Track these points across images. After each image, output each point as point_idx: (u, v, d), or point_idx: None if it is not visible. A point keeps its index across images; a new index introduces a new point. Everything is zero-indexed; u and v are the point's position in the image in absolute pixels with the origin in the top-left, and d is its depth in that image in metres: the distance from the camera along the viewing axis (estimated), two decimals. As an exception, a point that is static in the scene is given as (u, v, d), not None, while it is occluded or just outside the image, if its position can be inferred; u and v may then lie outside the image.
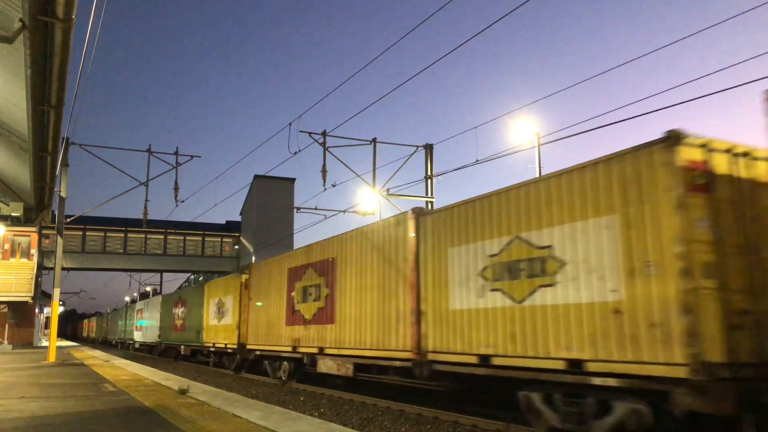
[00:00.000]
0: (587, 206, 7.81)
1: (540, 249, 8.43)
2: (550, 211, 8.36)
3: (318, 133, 21.66)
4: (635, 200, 7.20)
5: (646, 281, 6.94)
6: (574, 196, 8.04)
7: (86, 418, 7.62)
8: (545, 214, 8.43)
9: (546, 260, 8.30)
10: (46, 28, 10.42)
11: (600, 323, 7.41)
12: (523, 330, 8.57)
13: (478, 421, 9.53)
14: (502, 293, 9.03)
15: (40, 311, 45.31)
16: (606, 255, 7.48)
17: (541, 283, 8.32)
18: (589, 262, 7.66)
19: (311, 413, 10.83)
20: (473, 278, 9.70)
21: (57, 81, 12.63)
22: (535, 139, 18.66)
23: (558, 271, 8.08)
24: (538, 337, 8.28)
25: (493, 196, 9.51)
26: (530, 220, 8.67)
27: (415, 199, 22.23)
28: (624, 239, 7.26)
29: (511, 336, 8.75)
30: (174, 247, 50.84)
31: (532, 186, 8.78)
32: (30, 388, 11.49)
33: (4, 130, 17.86)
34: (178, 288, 60.10)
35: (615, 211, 7.43)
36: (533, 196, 8.69)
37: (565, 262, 7.99)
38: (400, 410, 11.34)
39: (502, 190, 9.33)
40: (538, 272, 8.41)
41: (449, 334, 10.13)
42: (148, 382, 12.93)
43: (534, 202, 8.65)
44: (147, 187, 23.62)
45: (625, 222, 7.28)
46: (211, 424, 7.11)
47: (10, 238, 32.83)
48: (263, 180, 48.48)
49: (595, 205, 7.68)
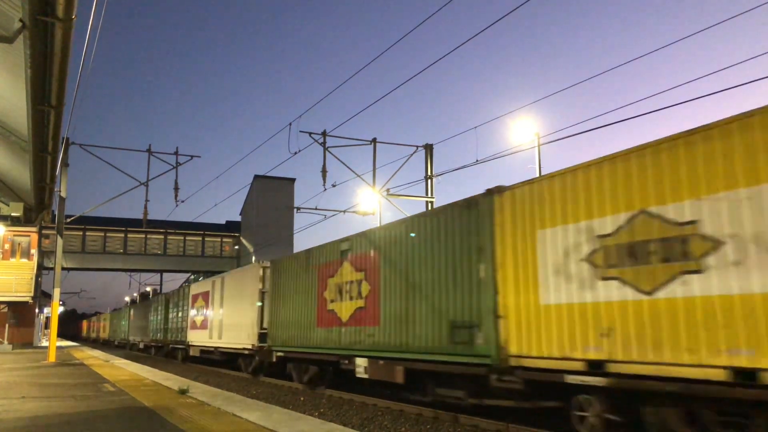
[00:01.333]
0: (759, 167, 6.06)
1: (679, 225, 6.71)
2: (695, 176, 6.62)
3: (318, 133, 21.68)
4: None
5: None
6: (733, 155, 6.28)
7: (86, 418, 7.62)
8: (687, 181, 6.68)
9: (689, 240, 6.59)
10: (46, 28, 10.41)
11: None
12: (656, 328, 6.77)
13: (479, 421, 9.53)
14: (620, 282, 7.27)
15: (40, 311, 45.32)
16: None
17: (684, 269, 6.59)
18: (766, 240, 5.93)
19: (311, 413, 10.82)
20: (575, 265, 7.89)
21: (57, 81, 12.62)
22: (535, 139, 18.66)
23: (710, 253, 6.39)
24: (681, 337, 6.48)
25: (604, 163, 7.67)
26: (663, 190, 6.91)
27: (415, 199, 22.25)
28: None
29: (638, 337, 6.95)
30: (174, 247, 50.88)
31: (665, 146, 6.92)
32: (30, 388, 11.48)
33: (4, 130, 17.86)
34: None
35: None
36: (667, 160, 6.89)
37: (720, 241, 6.29)
38: (400, 410, 11.34)
39: (618, 154, 7.52)
40: (677, 255, 6.67)
41: (540, 335, 8.25)
42: (148, 382, 12.93)
43: (669, 167, 6.86)
44: (147, 187, 23.65)
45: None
46: (211, 424, 7.11)
47: (10, 238, 32.84)
48: (263, 180, 48.51)
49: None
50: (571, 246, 7.98)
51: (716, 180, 6.39)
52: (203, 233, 51.78)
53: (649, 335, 6.82)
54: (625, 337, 7.08)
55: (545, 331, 8.16)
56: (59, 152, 18.42)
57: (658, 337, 6.71)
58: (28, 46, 10.94)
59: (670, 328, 6.60)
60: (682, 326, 6.50)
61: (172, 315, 31.22)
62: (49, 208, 29.49)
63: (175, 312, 30.35)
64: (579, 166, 8.07)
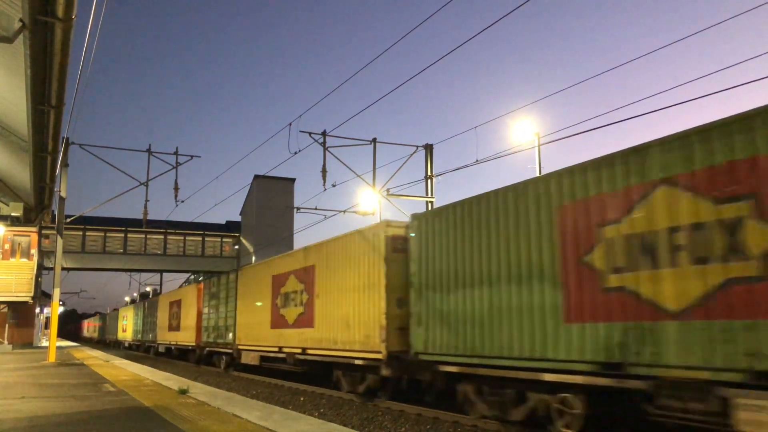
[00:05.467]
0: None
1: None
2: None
3: (318, 133, 21.66)
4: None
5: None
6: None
7: (86, 418, 7.62)
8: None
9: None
10: (46, 28, 10.42)
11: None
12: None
13: (478, 421, 9.53)
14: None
15: (40, 311, 45.34)
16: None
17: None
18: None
19: (311, 413, 10.83)
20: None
21: (57, 81, 12.63)
22: (535, 139, 18.66)
23: None
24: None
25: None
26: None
27: (416, 199, 22.26)
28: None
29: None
30: (174, 247, 50.87)
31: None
32: (30, 388, 11.48)
33: (4, 130, 17.86)
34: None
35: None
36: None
37: None
38: (400, 410, 11.33)
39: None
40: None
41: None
42: (148, 382, 12.93)
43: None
44: (147, 187, 23.61)
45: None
46: (211, 424, 7.11)
47: (10, 238, 32.81)
48: (263, 180, 48.50)
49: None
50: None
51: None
52: (203, 233, 51.76)
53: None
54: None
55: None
56: (59, 152, 18.43)
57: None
58: (28, 46, 10.95)
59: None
60: None
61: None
62: (49, 208, 29.52)
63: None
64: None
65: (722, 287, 6.29)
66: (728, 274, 6.25)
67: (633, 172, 7.35)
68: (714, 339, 6.31)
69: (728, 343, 6.18)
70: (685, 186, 6.79)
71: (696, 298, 6.50)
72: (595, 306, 7.58)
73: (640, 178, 7.26)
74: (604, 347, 7.41)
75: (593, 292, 7.62)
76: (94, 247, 48.27)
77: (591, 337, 7.56)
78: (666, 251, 6.87)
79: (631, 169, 7.38)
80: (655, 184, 7.08)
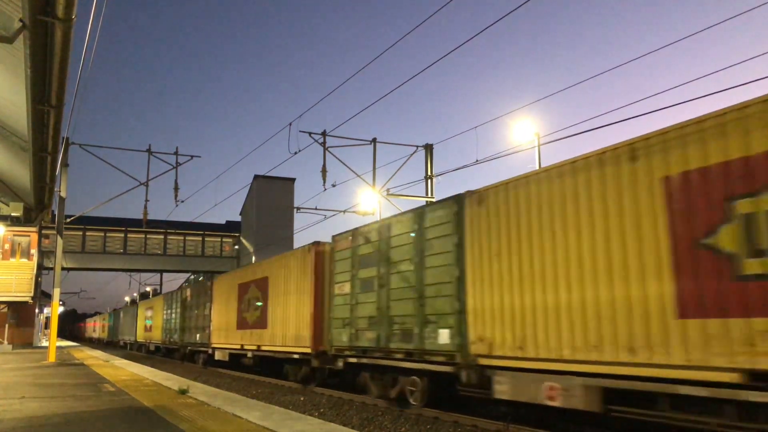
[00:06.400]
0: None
1: None
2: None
3: (318, 133, 21.67)
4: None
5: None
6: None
7: (86, 418, 7.62)
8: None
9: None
10: (46, 28, 10.41)
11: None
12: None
13: (478, 421, 9.53)
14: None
15: (40, 311, 45.34)
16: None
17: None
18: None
19: (311, 413, 10.82)
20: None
21: (57, 81, 12.62)
22: (535, 139, 18.65)
23: None
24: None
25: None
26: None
27: (415, 199, 22.25)
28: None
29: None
30: (174, 247, 50.88)
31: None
32: (30, 388, 11.48)
33: (4, 130, 17.86)
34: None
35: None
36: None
37: None
38: (400, 411, 11.33)
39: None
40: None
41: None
42: (148, 382, 12.93)
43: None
44: (147, 187, 23.64)
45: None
46: (211, 424, 7.11)
47: (10, 238, 32.82)
48: (263, 180, 48.48)
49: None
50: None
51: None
52: (203, 233, 51.76)
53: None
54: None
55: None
56: (59, 152, 18.42)
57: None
58: (28, 46, 10.93)
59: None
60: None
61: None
62: (49, 208, 29.50)
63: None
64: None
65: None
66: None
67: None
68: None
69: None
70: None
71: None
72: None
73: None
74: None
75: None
76: (94, 247, 48.27)
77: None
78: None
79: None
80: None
